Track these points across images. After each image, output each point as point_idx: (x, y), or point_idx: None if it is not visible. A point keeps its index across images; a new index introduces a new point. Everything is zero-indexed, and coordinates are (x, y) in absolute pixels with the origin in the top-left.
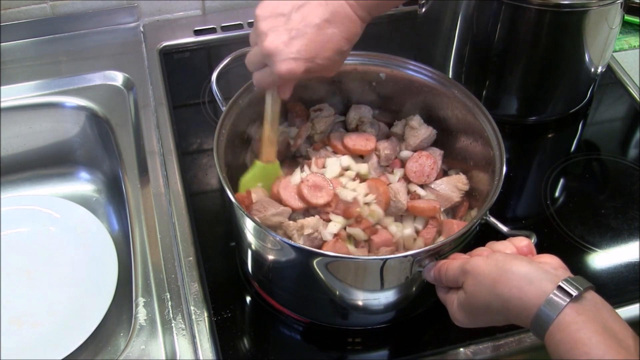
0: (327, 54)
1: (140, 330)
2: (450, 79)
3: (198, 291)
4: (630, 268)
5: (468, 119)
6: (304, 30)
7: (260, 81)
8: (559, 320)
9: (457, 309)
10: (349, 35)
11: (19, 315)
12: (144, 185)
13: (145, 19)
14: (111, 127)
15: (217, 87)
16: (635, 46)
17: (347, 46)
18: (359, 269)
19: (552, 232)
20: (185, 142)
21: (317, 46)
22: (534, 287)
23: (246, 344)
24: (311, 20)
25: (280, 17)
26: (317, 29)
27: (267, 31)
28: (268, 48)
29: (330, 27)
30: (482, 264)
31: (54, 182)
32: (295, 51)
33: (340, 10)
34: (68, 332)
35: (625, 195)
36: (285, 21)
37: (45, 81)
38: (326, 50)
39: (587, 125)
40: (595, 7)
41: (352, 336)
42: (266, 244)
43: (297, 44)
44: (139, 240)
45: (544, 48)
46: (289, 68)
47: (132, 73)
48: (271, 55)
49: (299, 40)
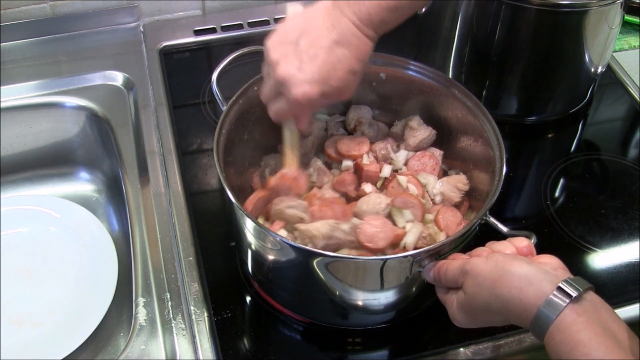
0: (340, 75)
1: (140, 330)
2: (450, 79)
3: (198, 291)
4: (630, 268)
5: (468, 119)
6: (315, 53)
7: (277, 112)
8: (558, 321)
9: (456, 309)
10: (359, 54)
11: (19, 315)
12: (144, 185)
13: (145, 19)
14: (111, 127)
15: (217, 87)
16: (635, 46)
17: (359, 66)
18: (358, 269)
19: (552, 232)
20: (185, 142)
21: (329, 68)
22: (533, 288)
23: (246, 344)
24: (320, 44)
25: (289, 45)
26: (327, 51)
27: (278, 60)
28: (281, 75)
29: (339, 48)
30: (482, 264)
31: (54, 182)
32: (309, 75)
33: (347, 31)
34: (68, 332)
35: (625, 195)
36: (295, 48)
37: (45, 81)
38: (338, 70)
39: (587, 125)
40: (595, 7)
41: (352, 336)
42: (266, 244)
43: (309, 67)
44: (139, 240)
45: (544, 48)
46: (303, 92)
47: (132, 73)
48: (285, 83)
49: (310, 64)
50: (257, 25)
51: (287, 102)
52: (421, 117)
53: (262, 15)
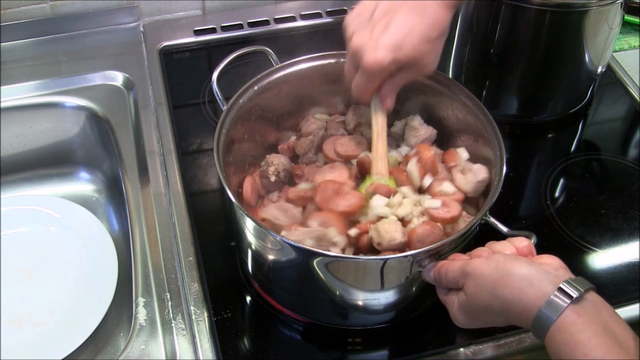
0: (414, 42)
1: (140, 330)
2: (450, 78)
3: (198, 291)
4: (630, 268)
5: (468, 119)
6: (387, 21)
7: (357, 88)
8: (559, 322)
9: (457, 310)
10: (435, 21)
11: (19, 315)
12: (144, 185)
13: (145, 19)
14: (111, 127)
15: (217, 87)
16: (635, 46)
17: (436, 33)
18: (359, 269)
19: (552, 232)
20: (185, 142)
21: (403, 35)
22: (534, 289)
23: (246, 344)
24: (394, 11)
25: (364, 17)
26: (400, 18)
27: (353, 32)
28: (354, 46)
29: (414, 15)
30: (483, 265)
31: (54, 182)
32: (380, 41)
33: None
34: (68, 332)
35: (625, 195)
36: (369, 19)
37: (45, 81)
38: (412, 37)
39: (587, 125)
40: (595, 7)
41: (352, 336)
42: (266, 243)
43: (380, 34)
44: (139, 240)
45: (544, 48)
46: (375, 58)
47: (132, 73)
48: (357, 52)
49: (382, 32)
50: (257, 25)
51: (362, 73)
52: (421, 117)
53: (262, 15)
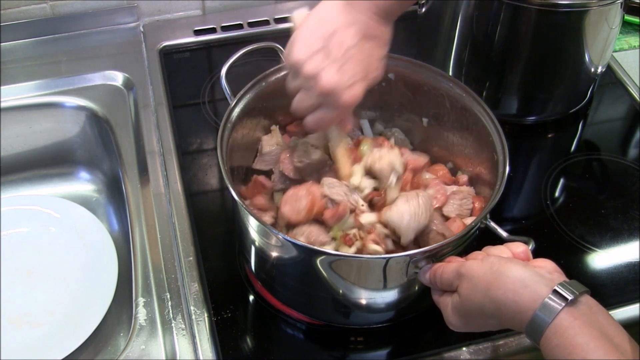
0: (375, 65)
1: (140, 330)
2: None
3: (198, 291)
4: (630, 268)
5: (469, 119)
6: (348, 55)
7: (318, 123)
8: (555, 325)
9: (451, 312)
10: (384, 41)
11: (19, 315)
12: (144, 185)
13: (145, 19)
14: (111, 127)
15: (225, 82)
16: (635, 46)
17: (386, 50)
18: (361, 268)
19: (552, 232)
20: (185, 142)
21: (365, 63)
22: (529, 291)
23: (246, 344)
24: (349, 44)
25: (319, 54)
26: (357, 48)
27: (316, 72)
28: (326, 86)
29: (367, 42)
30: (477, 267)
31: (54, 182)
32: (351, 77)
33: (365, 25)
34: (68, 332)
35: (625, 195)
36: (326, 55)
37: (45, 81)
38: (373, 62)
39: (587, 125)
40: (595, 7)
41: (354, 335)
42: (270, 241)
43: (348, 70)
44: (139, 240)
45: (544, 48)
46: (352, 95)
47: (132, 73)
48: (332, 92)
49: (348, 66)
50: (257, 25)
51: (334, 109)
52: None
53: (262, 15)
